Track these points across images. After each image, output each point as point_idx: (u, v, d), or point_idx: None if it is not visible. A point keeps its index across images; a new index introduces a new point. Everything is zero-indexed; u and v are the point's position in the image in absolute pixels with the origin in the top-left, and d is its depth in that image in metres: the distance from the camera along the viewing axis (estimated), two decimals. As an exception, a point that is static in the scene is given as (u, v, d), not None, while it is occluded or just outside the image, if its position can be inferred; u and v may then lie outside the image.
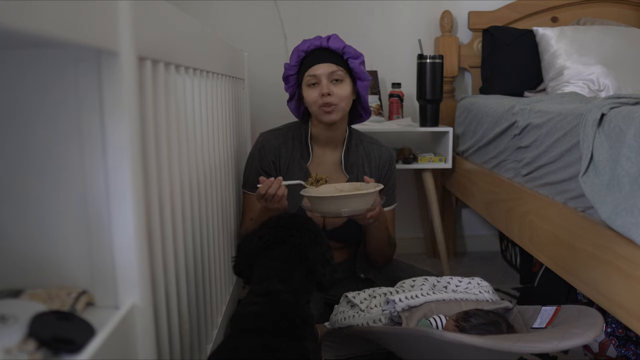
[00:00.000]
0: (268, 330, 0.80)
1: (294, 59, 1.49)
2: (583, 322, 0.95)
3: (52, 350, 0.51)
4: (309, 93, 1.46)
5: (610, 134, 1.07)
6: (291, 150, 1.53)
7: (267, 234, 0.97)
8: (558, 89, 2.03)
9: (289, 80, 1.52)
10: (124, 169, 0.61)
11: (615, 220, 1.01)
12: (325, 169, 1.54)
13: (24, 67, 0.61)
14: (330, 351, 1.29)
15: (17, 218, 0.64)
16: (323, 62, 1.44)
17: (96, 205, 0.62)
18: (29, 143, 0.62)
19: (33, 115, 0.61)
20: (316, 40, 1.46)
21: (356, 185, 1.42)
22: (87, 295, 0.63)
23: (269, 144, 1.52)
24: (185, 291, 0.93)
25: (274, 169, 1.52)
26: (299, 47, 1.48)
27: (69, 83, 0.61)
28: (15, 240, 0.64)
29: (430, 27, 2.39)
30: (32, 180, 0.63)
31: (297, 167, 1.52)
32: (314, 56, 1.46)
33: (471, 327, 1.07)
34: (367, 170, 1.56)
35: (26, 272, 0.65)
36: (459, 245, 2.58)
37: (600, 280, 1.11)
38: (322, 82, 1.43)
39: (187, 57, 0.95)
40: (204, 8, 2.28)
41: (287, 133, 1.56)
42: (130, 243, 0.63)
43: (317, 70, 1.44)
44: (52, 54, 0.60)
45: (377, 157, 1.58)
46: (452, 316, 1.13)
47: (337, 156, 1.55)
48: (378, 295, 1.28)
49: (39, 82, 0.61)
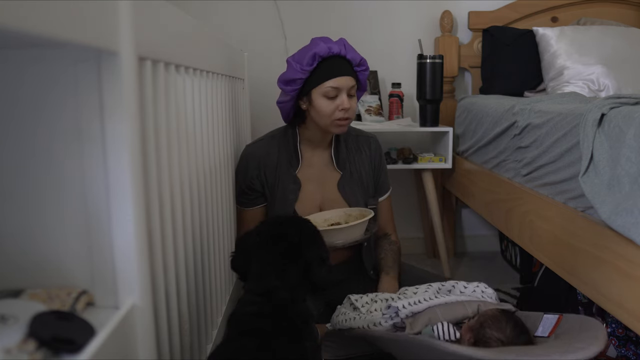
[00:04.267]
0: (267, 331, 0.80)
1: (308, 62, 1.35)
2: (586, 335, 0.94)
3: (52, 350, 0.51)
4: (325, 104, 1.38)
5: (610, 134, 1.07)
6: (277, 158, 1.49)
7: (266, 230, 0.99)
8: (558, 89, 2.03)
9: (295, 82, 1.39)
10: (124, 169, 0.61)
11: (615, 220, 1.01)
12: (316, 171, 1.51)
13: (24, 67, 0.61)
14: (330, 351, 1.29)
15: (17, 218, 0.64)
16: (345, 75, 1.38)
17: (96, 205, 0.62)
18: (29, 143, 0.62)
19: (33, 115, 0.61)
20: (333, 46, 1.37)
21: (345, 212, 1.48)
22: (87, 295, 0.63)
23: (252, 157, 1.49)
24: (185, 291, 0.93)
25: (259, 183, 1.49)
26: (314, 49, 1.35)
27: (69, 83, 0.61)
28: (16, 240, 0.64)
29: (430, 27, 2.40)
30: (33, 180, 0.63)
31: (286, 175, 1.48)
32: (333, 65, 1.37)
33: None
34: (359, 163, 1.55)
35: (26, 272, 0.65)
36: (459, 245, 2.58)
37: (600, 280, 1.10)
38: (342, 96, 1.38)
39: (187, 57, 0.95)
40: (204, 8, 2.28)
41: (271, 142, 1.51)
42: (130, 243, 0.63)
43: (339, 82, 1.37)
44: (52, 54, 0.60)
45: (367, 147, 1.57)
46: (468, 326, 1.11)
47: (327, 154, 1.53)
48: (380, 300, 1.28)
49: (39, 82, 0.61)
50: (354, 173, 1.53)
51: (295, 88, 1.39)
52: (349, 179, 1.52)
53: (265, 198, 1.51)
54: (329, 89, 1.37)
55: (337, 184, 1.52)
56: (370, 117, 2.17)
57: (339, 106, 1.38)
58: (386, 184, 1.62)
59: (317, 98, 1.39)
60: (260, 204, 1.52)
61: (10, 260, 0.64)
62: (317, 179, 1.51)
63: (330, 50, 1.36)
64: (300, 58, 1.37)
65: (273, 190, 1.49)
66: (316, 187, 1.50)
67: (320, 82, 1.37)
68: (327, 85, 1.37)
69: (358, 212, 1.47)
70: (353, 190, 1.52)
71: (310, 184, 1.50)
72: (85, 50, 0.59)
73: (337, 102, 1.38)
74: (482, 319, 1.08)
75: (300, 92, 1.41)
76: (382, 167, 1.60)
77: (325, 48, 1.35)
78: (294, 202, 1.47)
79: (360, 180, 1.54)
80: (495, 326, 1.05)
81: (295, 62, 1.38)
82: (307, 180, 1.50)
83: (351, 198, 1.51)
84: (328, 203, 1.50)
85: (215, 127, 1.23)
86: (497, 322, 1.05)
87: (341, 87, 1.38)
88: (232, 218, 1.49)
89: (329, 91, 1.37)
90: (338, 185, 1.52)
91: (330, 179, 1.52)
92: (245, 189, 1.49)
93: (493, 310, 1.10)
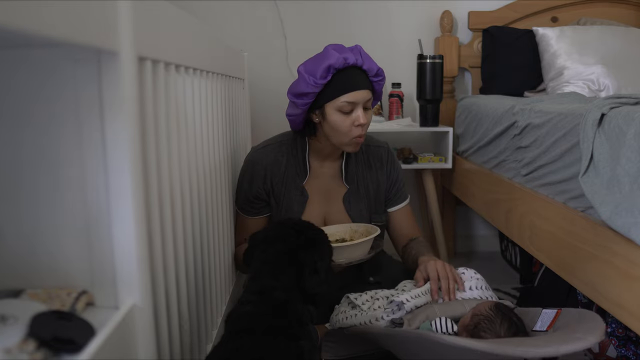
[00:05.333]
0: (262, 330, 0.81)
1: (322, 75, 1.27)
2: (584, 326, 0.95)
3: (52, 350, 0.51)
4: (340, 119, 1.30)
5: (610, 134, 1.07)
6: (285, 167, 1.43)
7: (271, 229, 1.02)
8: (558, 89, 2.03)
9: (307, 96, 1.30)
10: (124, 169, 0.61)
11: (615, 220, 1.01)
12: (323, 182, 1.47)
13: (24, 67, 0.61)
14: (330, 351, 1.29)
15: (17, 218, 0.64)
16: (362, 89, 1.30)
17: (96, 206, 0.62)
18: (29, 143, 0.62)
19: (33, 115, 0.61)
20: (349, 57, 1.28)
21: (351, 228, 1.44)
22: (87, 295, 0.63)
23: (259, 165, 1.42)
24: (185, 291, 0.93)
25: (265, 192, 1.44)
26: (328, 60, 1.27)
27: (68, 83, 0.61)
28: (16, 240, 0.64)
29: (430, 27, 2.40)
30: (33, 181, 0.63)
31: (293, 186, 1.44)
32: (349, 77, 1.29)
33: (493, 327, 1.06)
34: (368, 178, 1.49)
35: (26, 272, 0.65)
36: (459, 245, 2.58)
37: (600, 280, 1.10)
38: (358, 111, 1.31)
39: (187, 57, 0.95)
40: (204, 8, 2.28)
41: (280, 149, 1.44)
42: (130, 243, 0.63)
43: (355, 97, 1.29)
44: (52, 54, 0.60)
45: (378, 160, 1.51)
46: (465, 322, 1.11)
47: (337, 167, 1.48)
48: (380, 297, 1.28)
49: (38, 82, 0.61)
50: (361, 188, 1.48)
51: (307, 102, 1.31)
52: (355, 193, 1.48)
53: (271, 207, 1.47)
54: (344, 104, 1.30)
55: (343, 198, 1.48)
56: (370, 117, 2.16)
57: (355, 121, 1.31)
58: (403, 193, 1.56)
59: (331, 113, 1.31)
60: (265, 214, 1.48)
61: (10, 260, 0.64)
62: (323, 192, 1.47)
63: (345, 62, 1.28)
64: (313, 69, 1.28)
65: (279, 199, 1.45)
66: (321, 200, 1.47)
67: (334, 96, 1.30)
68: (342, 100, 1.29)
69: (364, 229, 1.43)
70: (358, 206, 1.48)
71: (315, 196, 1.46)
72: (85, 50, 0.59)
73: (352, 117, 1.31)
74: (476, 320, 1.08)
75: (312, 106, 1.33)
76: (398, 177, 1.54)
77: (341, 59, 1.27)
78: (300, 214, 1.44)
79: (367, 195, 1.49)
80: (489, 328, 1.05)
81: (308, 75, 1.29)
82: (313, 192, 1.46)
83: (356, 213, 1.48)
84: (332, 216, 1.47)
85: (215, 127, 1.23)
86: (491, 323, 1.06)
87: (357, 101, 1.30)
88: (231, 218, 1.49)
89: (344, 106, 1.30)
90: (343, 199, 1.48)
91: (336, 193, 1.48)
92: (251, 197, 1.44)
93: (487, 309, 1.09)
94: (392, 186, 1.53)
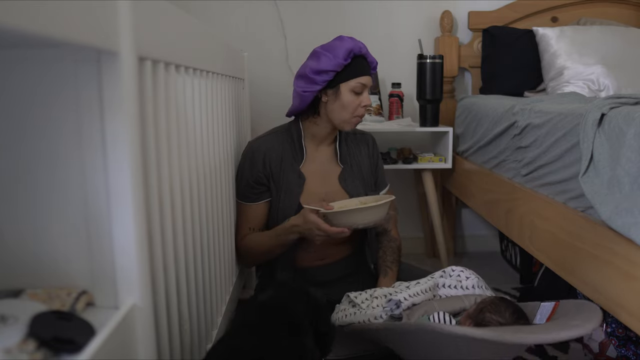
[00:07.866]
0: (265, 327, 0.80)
1: (344, 56, 1.41)
2: (582, 315, 0.96)
3: (52, 350, 0.51)
4: (351, 98, 1.46)
5: (610, 134, 1.07)
6: (282, 153, 1.52)
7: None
8: (558, 89, 2.03)
9: (327, 74, 1.43)
10: (124, 169, 0.61)
11: (615, 220, 1.01)
12: (319, 165, 1.56)
13: (24, 67, 0.61)
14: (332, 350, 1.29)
15: (17, 218, 0.64)
16: (369, 75, 1.48)
17: (96, 205, 0.62)
18: (29, 143, 0.62)
19: (33, 115, 0.61)
20: (362, 47, 1.45)
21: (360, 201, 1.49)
22: (87, 295, 0.64)
23: (257, 152, 1.51)
24: (185, 291, 0.93)
25: (265, 176, 1.51)
26: (347, 45, 1.42)
27: (69, 83, 0.61)
28: (16, 240, 0.64)
29: (430, 27, 2.39)
30: (33, 181, 0.63)
31: (290, 170, 1.52)
32: (363, 63, 1.46)
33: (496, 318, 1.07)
34: (360, 158, 1.61)
35: (26, 272, 0.65)
36: (459, 245, 2.58)
37: (600, 280, 1.11)
38: (365, 93, 1.47)
39: (187, 57, 0.95)
40: (204, 8, 2.28)
41: (275, 137, 1.55)
42: (130, 243, 0.63)
43: (367, 80, 1.47)
44: (52, 54, 0.60)
45: (365, 144, 1.64)
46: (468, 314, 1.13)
47: (331, 150, 1.58)
48: (379, 296, 1.28)
49: (38, 82, 0.61)
50: (354, 167, 1.59)
51: (327, 79, 1.44)
52: (349, 172, 1.58)
53: (271, 192, 1.53)
54: (358, 85, 1.45)
55: (339, 177, 1.56)
56: (370, 117, 2.17)
57: (362, 102, 1.46)
58: (384, 180, 1.69)
59: (345, 92, 1.45)
60: (266, 199, 1.53)
61: (10, 260, 0.64)
62: (319, 173, 1.55)
63: (359, 50, 1.44)
64: (334, 51, 1.42)
65: (278, 183, 1.52)
66: (319, 181, 1.54)
67: (351, 77, 1.44)
68: (358, 81, 1.44)
69: (373, 199, 1.50)
70: (354, 183, 1.57)
71: (313, 178, 1.54)
72: (85, 50, 0.59)
73: (361, 98, 1.47)
74: (482, 305, 1.11)
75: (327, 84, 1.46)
76: (380, 164, 1.68)
77: (357, 46, 1.43)
78: (299, 195, 1.50)
79: (361, 173, 1.60)
80: (494, 310, 1.08)
81: (330, 54, 1.42)
82: (310, 174, 1.54)
83: (353, 190, 1.56)
84: (330, 196, 1.53)
85: (215, 127, 1.23)
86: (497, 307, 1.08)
87: (367, 84, 1.47)
88: (232, 218, 1.49)
89: (358, 87, 1.45)
90: (339, 179, 1.56)
91: (332, 173, 1.57)
92: (252, 182, 1.51)
93: (492, 298, 1.14)
94: (375, 169, 1.65)
